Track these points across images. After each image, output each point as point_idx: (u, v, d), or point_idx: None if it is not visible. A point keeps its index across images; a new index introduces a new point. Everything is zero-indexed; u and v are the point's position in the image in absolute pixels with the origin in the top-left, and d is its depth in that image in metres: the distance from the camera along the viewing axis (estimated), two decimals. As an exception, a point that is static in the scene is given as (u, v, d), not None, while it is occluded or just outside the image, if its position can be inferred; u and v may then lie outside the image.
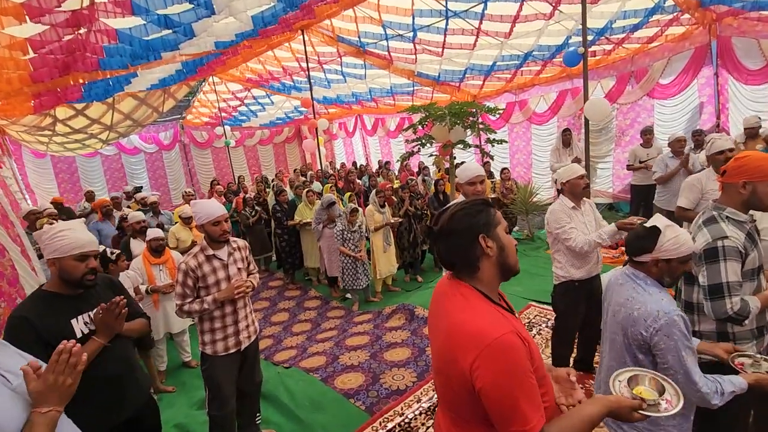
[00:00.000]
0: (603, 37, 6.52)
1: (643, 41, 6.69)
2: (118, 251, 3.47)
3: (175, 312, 2.44)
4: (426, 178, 8.93)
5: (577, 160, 6.33)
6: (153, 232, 3.97)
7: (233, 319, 2.52)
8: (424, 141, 4.95)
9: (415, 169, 10.25)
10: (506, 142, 5.14)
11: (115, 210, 6.29)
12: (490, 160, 5.18)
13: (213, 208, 2.43)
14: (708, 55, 6.41)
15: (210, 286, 2.43)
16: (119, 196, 7.48)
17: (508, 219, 7.21)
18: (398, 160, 5.38)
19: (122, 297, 1.75)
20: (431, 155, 5.55)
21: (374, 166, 12.02)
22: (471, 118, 4.94)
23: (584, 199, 2.93)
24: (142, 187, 9.58)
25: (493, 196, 7.41)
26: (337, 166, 12.87)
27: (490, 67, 7.75)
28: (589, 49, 7.15)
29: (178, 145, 14.39)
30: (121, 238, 4.98)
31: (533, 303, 4.53)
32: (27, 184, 11.59)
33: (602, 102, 3.62)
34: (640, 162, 6.28)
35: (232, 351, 2.53)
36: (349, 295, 5.97)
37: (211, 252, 2.45)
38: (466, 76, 8.47)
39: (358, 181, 9.21)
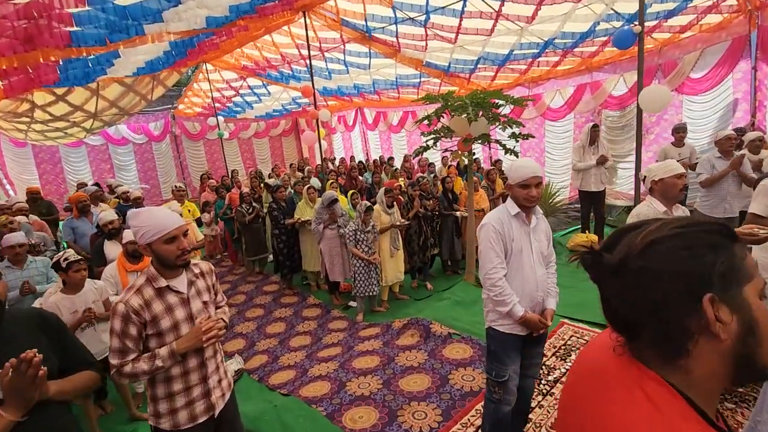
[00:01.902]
0: (633, 24, 5.96)
1: (675, 30, 6.15)
2: (73, 258, 2.88)
3: (112, 375, 1.70)
4: (433, 173, 8.38)
5: (603, 159, 5.81)
6: (130, 234, 3.38)
7: (200, 376, 1.82)
8: (442, 134, 4.38)
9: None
10: (533, 137, 4.57)
11: (93, 206, 5.66)
12: (515, 157, 4.61)
13: (163, 218, 1.72)
14: (746, 47, 5.89)
15: (164, 332, 1.73)
16: (100, 189, 6.83)
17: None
18: (413, 155, 4.80)
19: (34, 351, 1.13)
20: (446, 150, 4.98)
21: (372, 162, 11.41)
22: (495, 110, 4.37)
23: (677, 204, 2.40)
24: (86, 183, 8.84)
25: (503, 193, 6.89)
26: (336, 162, 12.27)
27: (506, 56, 7.19)
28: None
29: (168, 136, 13.73)
30: (99, 237, 4.38)
31: (565, 320, 4.00)
32: (5, 174, 10.90)
33: (661, 90, 3.08)
34: (671, 162, 5.78)
35: (201, 420, 1.82)
36: (352, 303, 5.42)
37: (163, 283, 1.74)
38: (478, 66, 7.91)
39: (360, 177, 8.65)
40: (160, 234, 1.69)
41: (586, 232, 6.16)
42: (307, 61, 6.85)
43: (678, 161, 5.67)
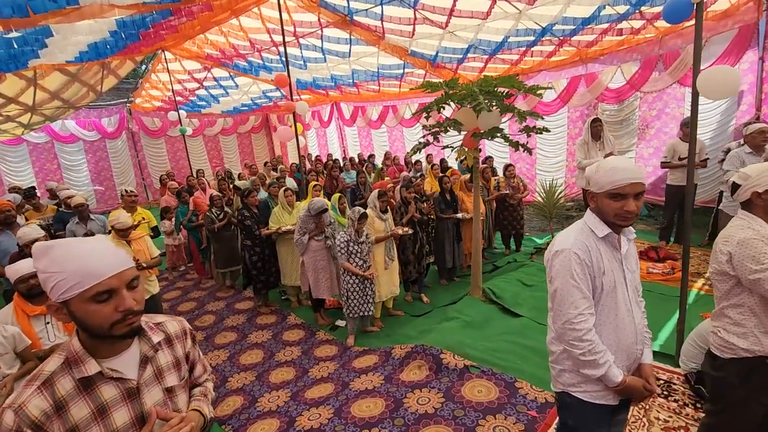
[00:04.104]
0: (638, 11, 5.53)
1: (681, 17, 5.74)
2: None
3: None
4: (420, 172, 7.77)
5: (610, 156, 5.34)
6: (17, 269, 2.35)
7: None
8: (448, 127, 3.73)
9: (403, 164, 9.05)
10: (549, 131, 4.00)
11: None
12: (528, 154, 4.03)
13: (89, 258, 0.99)
14: (754, 36, 5.57)
15: None
16: (33, 195, 5.80)
17: (516, 221, 6.19)
18: (411, 152, 4.13)
19: None
20: (445, 147, 4.33)
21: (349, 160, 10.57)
22: (507, 100, 3.77)
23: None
24: (20, 187, 7.43)
25: (505, 191, 6.31)
26: (313, 159, 11.43)
27: (499, 44, 6.64)
28: (617, 27, 6.22)
29: (125, 133, 12.50)
30: (20, 258, 3.48)
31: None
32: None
33: (728, 72, 2.55)
34: (680, 159, 5.39)
35: None
36: (339, 322, 4.73)
37: (93, 368, 1.02)
38: (468, 56, 7.33)
39: (341, 177, 7.92)
40: (84, 287, 0.97)
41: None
42: (281, 48, 6.06)
43: (686, 158, 5.30)
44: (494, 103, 3.55)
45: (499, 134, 4.02)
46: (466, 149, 3.91)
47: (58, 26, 4.36)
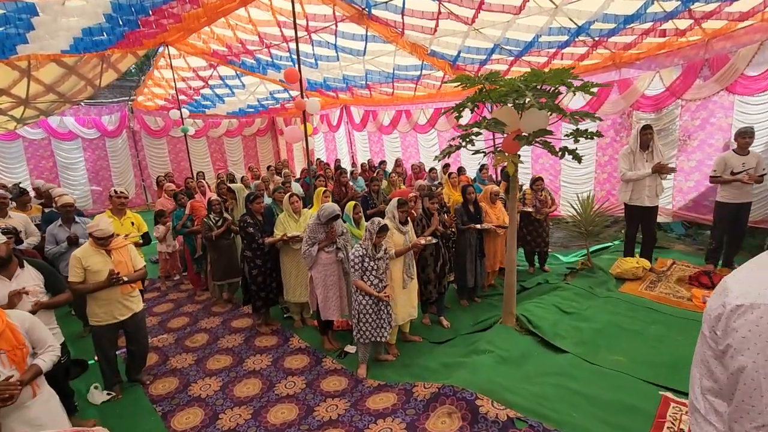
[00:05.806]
0: (687, 9, 5.00)
1: (734, 17, 5.20)
2: None
3: None
4: (436, 180, 7.23)
5: (660, 168, 4.77)
6: None
7: None
8: (488, 126, 3.16)
9: (410, 172, 8.47)
10: (601, 135, 3.46)
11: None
12: (578, 162, 3.48)
13: None
14: (817, 38, 5.03)
15: None
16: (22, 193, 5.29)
17: (541, 237, 5.65)
18: (440, 156, 3.56)
19: None
20: (477, 152, 3.76)
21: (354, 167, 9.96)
22: (558, 98, 3.23)
23: None
24: (5, 185, 6.88)
25: (528, 209, 5.76)
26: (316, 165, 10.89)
27: (529, 44, 6.11)
28: (660, 28, 5.70)
29: (125, 132, 12.05)
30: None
31: (668, 394, 2.81)
32: None
33: None
34: (733, 173, 4.81)
35: None
36: (349, 348, 4.15)
37: None
38: (492, 57, 6.81)
39: (350, 184, 7.38)
40: None
41: (636, 255, 5.11)
42: (291, 45, 5.56)
43: (742, 172, 4.72)
44: (543, 100, 2.99)
45: (539, 138, 3.48)
46: (507, 154, 3.35)
47: (43, 3, 3.86)
